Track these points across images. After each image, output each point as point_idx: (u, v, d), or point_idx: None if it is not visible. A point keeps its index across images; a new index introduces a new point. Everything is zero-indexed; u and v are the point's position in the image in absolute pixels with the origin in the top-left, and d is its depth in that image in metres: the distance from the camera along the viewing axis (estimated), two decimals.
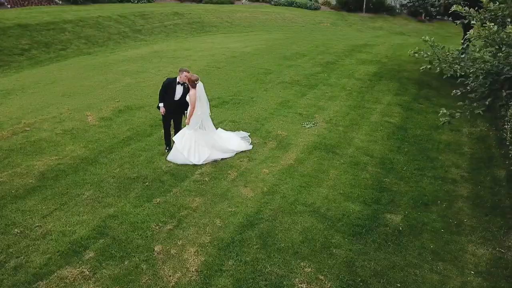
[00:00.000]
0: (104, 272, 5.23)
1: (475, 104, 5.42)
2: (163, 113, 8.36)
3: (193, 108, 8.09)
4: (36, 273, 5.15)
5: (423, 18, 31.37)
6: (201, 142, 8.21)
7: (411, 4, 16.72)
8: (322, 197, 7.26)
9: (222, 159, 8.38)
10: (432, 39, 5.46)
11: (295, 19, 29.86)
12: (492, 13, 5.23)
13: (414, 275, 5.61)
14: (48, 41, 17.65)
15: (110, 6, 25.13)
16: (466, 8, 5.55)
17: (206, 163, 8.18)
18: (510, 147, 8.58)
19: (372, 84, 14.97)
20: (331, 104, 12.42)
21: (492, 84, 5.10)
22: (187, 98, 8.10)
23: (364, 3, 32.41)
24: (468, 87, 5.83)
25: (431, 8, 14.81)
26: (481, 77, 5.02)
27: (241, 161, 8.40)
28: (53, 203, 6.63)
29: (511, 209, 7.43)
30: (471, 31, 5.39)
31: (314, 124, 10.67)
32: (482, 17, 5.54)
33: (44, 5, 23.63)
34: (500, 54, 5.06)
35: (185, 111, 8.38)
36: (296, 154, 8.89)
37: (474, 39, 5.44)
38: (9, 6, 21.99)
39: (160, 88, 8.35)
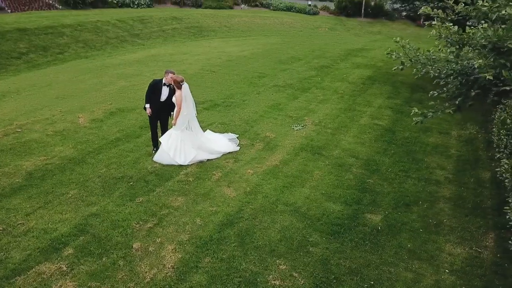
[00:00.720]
0: (82, 268, 5.33)
1: (446, 104, 5.52)
2: (149, 114, 8.50)
3: (179, 109, 8.21)
4: (14, 269, 5.26)
5: (421, 22, 31.46)
6: (187, 142, 8.32)
7: (403, 8, 16.80)
8: (304, 197, 7.35)
9: (208, 160, 8.49)
10: (407, 41, 5.56)
11: (294, 24, 30.05)
12: (460, 14, 5.34)
13: (388, 273, 5.68)
14: (46, 45, 17.89)
15: (110, 11, 25.41)
16: (435, 10, 5.66)
17: (192, 164, 8.29)
18: (496, 149, 8.66)
19: (365, 88, 15.07)
20: (322, 107, 12.53)
21: (463, 85, 5.18)
22: (173, 99, 8.23)
23: (363, 8, 32.56)
24: (445, 88, 5.93)
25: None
26: (452, 77, 5.11)
27: (227, 162, 8.51)
28: (37, 201, 6.75)
29: (492, 209, 7.48)
30: (433, 31, 5.51)
31: (303, 126, 10.77)
32: (448, 18, 5.65)
33: (44, 10, 23.92)
34: (461, 53, 5.16)
35: (172, 112, 8.51)
36: (282, 155, 8.99)
37: (436, 39, 5.54)
38: (9, 11, 22.28)
39: (147, 89, 8.49)
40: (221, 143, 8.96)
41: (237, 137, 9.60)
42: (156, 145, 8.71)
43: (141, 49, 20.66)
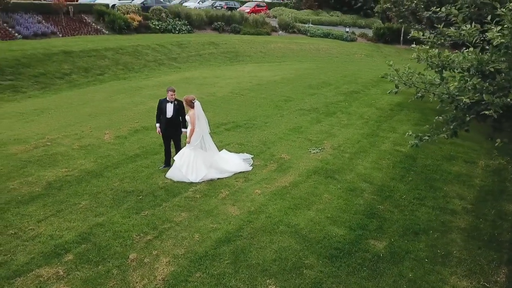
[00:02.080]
0: (77, 274, 5.55)
1: (444, 129, 5.36)
2: (158, 132, 8.86)
3: (193, 127, 8.47)
4: (16, 270, 5.57)
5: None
6: (199, 160, 8.52)
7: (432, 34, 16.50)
8: (308, 220, 7.27)
9: (218, 178, 8.63)
10: (407, 66, 5.51)
11: (329, 50, 30.20)
12: (451, 38, 5.24)
13: None
14: (88, 66, 19.07)
15: (151, 36, 26.76)
16: (426, 33, 5.59)
17: (202, 182, 8.46)
18: None
19: (392, 114, 14.81)
20: (344, 131, 12.43)
21: (459, 109, 5.03)
22: (187, 117, 8.51)
23: (402, 34, 32.23)
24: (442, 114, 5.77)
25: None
26: (448, 101, 4.98)
27: (236, 181, 8.61)
28: (50, 209, 7.14)
29: (510, 243, 7.04)
30: (414, 54, 5.43)
31: (320, 149, 10.72)
32: (438, 42, 5.55)
33: (92, 35, 25.60)
34: (444, 76, 5.03)
35: (181, 129, 8.79)
36: (293, 177, 8.97)
37: (418, 61, 5.44)
38: (60, 35, 24.05)
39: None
40: (233, 163, 9.09)
41: (251, 157, 9.71)
42: (167, 162, 8.96)
43: (177, 72, 21.50)
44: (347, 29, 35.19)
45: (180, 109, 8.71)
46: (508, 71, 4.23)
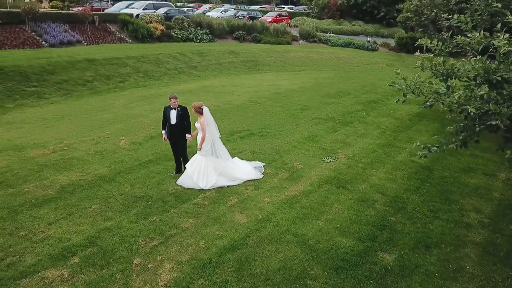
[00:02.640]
0: (81, 277, 5.61)
1: (453, 139, 5.19)
2: (164, 139, 8.93)
3: (204, 133, 8.50)
4: (23, 271, 5.67)
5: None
6: (210, 167, 8.53)
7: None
8: (316, 230, 7.15)
9: (228, 186, 8.62)
10: (417, 74, 5.39)
11: (350, 60, 29.98)
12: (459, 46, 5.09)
13: None
14: (110, 74, 19.50)
15: (173, 44, 27.18)
16: (434, 41, 5.45)
17: (212, 189, 8.46)
18: None
19: (411, 124, 14.54)
20: (360, 141, 12.25)
21: (469, 119, 4.86)
22: (197, 125, 8.55)
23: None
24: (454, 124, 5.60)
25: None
26: (457, 111, 4.83)
27: (246, 188, 8.58)
28: (61, 213, 7.27)
29: None
30: (418, 62, 5.28)
31: (334, 159, 10.58)
32: (446, 50, 5.39)
33: (115, 43, 26.21)
34: (449, 85, 4.86)
35: (187, 135, 8.83)
36: (304, 186, 8.87)
37: (422, 70, 5.29)
38: (85, 43, 24.73)
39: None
40: (244, 170, 9.06)
41: (263, 166, 9.67)
42: (178, 169, 9.01)
43: (196, 80, 21.73)
44: (369, 39, 34.89)
45: (183, 115, 8.73)
46: None
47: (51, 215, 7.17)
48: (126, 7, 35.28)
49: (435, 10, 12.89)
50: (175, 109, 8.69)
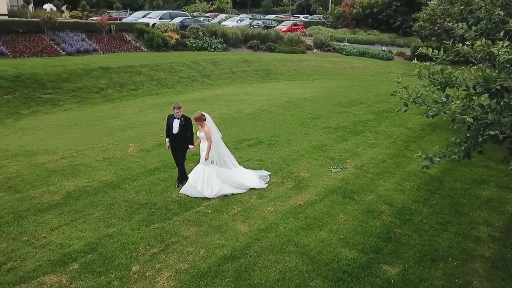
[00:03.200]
0: (79, 284, 5.62)
1: (456, 150, 5.04)
2: (168, 147, 8.94)
3: (210, 143, 8.45)
4: (23, 276, 5.72)
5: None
6: (213, 175, 8.50)
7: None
8: (318, 240, 7.03)
9: (233, 194, 8.57)
10: (421, 83, 5.28)
11: (364, 69, 29.76)
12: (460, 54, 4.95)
13: None
14: (124, 81, 19.78)
15: (187, 53, 27.45)
16: (435, 50, 5.33)
17: (216, 197, 8.42)
18: None
19: (423, 134, 14.28)
20: (369, 151, 12.08)
21: (474, 129, 4.71)
22: (200, 134, 8.45)
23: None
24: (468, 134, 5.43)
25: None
26: (460, 120, 4.69)
27: (250, 197, 8.52)
28: (65, 218, 7.33)
29: None
30: (416, 70, 5.16)
31: (342, 168, 10.45)
32: (447, 59, 5.26)
33: (131, 52, 26.63)
34: (448, 93, 4.72)
35: (189, 146, 8.78)
36: (309, 196, 8.76)
37: (420, 78, 5.16)
38: (101, 52, 25.19)
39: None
40: (248, 178, 9.00)
41: (269, 175, 9.60)
42: (180, 179, 8.92)
43: (209, 88, 21.86)
44: (384, 48, 34.63)
45: (186, 126, 8.68)
46: None
47: (54, 221, 7.23)
48: (143, 17, 35.93)
49: (447, 19, 12.69)
50: (178, 118, 8.69)
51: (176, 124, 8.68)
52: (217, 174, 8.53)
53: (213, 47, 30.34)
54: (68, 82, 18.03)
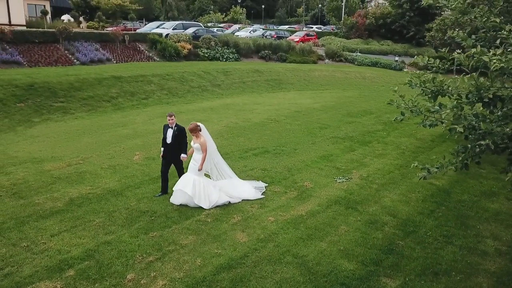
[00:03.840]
0: None
1: (454, 160, 4.92)
2: (161, 157, 8.83)
3: (206, 154, 8.28)
4: (19, 282, 5.75)
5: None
6: (209, 186, 8.33)
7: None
8: (318, 251, 6.92)
9: (229, 203, 8.47)
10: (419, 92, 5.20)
11: (376, 79, 29.58)
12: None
13: None
14: (134, 90, 20.02)
15: (199, 63, 27.72)
16: (431, 59, 5.24)
17: (213, 208, 8.25)
18: None
19: (432, 145, 14.05)
20: (376, 161, 11.92)
21: (472, 139, 4.60)
22: (195, 145, 8.26)
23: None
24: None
25: None
26: (456, 130, 4.57)
27: (251, 206, 8.46)
28: (65, 225, 7.38)
29: None
30: (407, 78, 5.06)
31: (347, 179, 10.32)
32: (443, 68, 5.15)
33: (143, 61, 27.03)
34: (441, 102, 4.62)
35: (182, 155, 8.64)
36: (311, 206, 8.66)
37: (410, 86, 5.06)
38: (114, 61, 25.62)
39: None
40: (243, 189, 8.83)
41: (265, 186, 9.41)
42: (163, 189, 8.77)
43: (219, 98, 21.97)
44: (397, 58, 34.42)
45: (179, 136, 8.56)
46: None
47: (55, 227, 7.29)
48: (157, 27, 36.51)
49: (457, 29, 12.53)
50: (171, 128, 8.64)
51: (169, 134, 8.59)
52: (213, 184, 8.44)
53: (225, 57, 30.60)
54: (80, 90, 18.34)
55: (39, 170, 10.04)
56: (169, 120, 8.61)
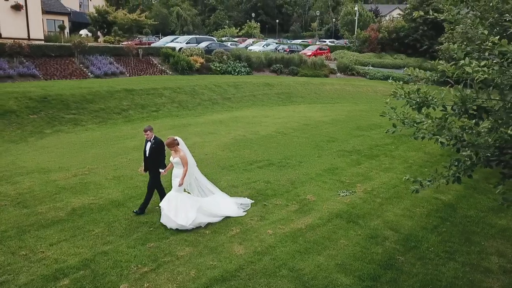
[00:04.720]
0: None
1: (446, 173, 4.83)
2: (140, 171, 8.70)
3: (187, 168, 8.04)
4: None
5: None
6: (187, 204, 7.95)
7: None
8: (314, 265, 6.83)
9: (209, 223, 8.07)
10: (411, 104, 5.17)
11: (388, 93, 29.26)
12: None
13: None
14: (145, 103, 20.32)
15: (211, 77, 28.02)
16: (418, 70, 5.19)
17: (192, 228, 7.83)
18: None
19: (441, 160, 13.80)
20: (382, 175, 11.78)
21: (465, 153, 4.52)
22: (175, 159, 8.10)
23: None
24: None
25: None
26: (450, 143, 4.51)
27: (251, 219, 8.42)
28: (65, 234, 7.47)
29: None
30: (391, 90, 5.00)
31: (351, 192, 10.21)
32: (432, 79, 5.09)
33: (156, 75, 27.46)
34: (428, 113, 4.55)
35: (160, 170, 8.44)
36: (312, 219, 8.58)
37: (395, 97, 4.99)
38: (128, 75, 26.10)
39: None
40: (224, 206, 8.53)
41: (251, 204, 9.09)
42: (142, 204, 8.50)
43: (229, 111, 22.11)
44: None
45: (155, 149, 8.44)
46: (501, 110, 3.73)
47: (55, 236, 7.38)
48: (171, 41, 37.17)
49: (465, 42, 12.41)
50: (149, 141, 8.55)
51: (147, 147, 8.51)
52: (190, 203, 8.00)
53: (237, 70, 30.86)
54: (92, 103, 18.69)
55: (45, 180, 10.21)
56: (146, 134, 8.48)
